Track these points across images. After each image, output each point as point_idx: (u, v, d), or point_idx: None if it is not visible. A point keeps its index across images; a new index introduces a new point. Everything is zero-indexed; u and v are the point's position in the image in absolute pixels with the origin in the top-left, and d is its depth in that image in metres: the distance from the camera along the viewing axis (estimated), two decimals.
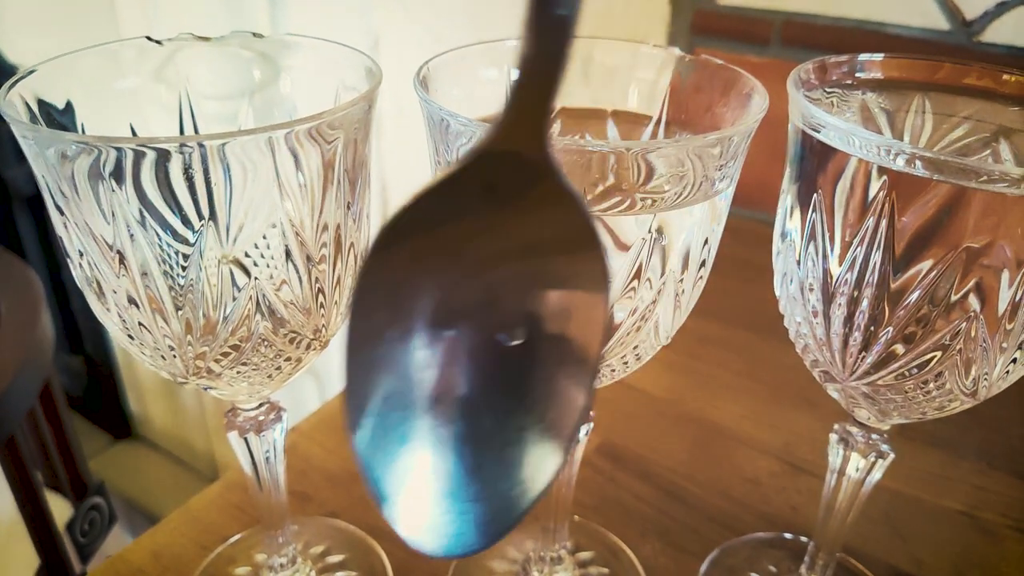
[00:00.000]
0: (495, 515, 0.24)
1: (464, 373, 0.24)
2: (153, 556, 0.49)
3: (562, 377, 0.24)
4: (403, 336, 0.23)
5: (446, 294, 0.23)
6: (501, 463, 0.24)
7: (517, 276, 0.24)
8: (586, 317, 0.24)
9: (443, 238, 0.22)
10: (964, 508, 0.54)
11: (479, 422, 0.24)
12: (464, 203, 0.22)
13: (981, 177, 0.28)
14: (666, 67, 0.37)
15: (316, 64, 0.38)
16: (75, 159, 0.27)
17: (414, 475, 0.23)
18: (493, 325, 0.24)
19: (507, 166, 0.21)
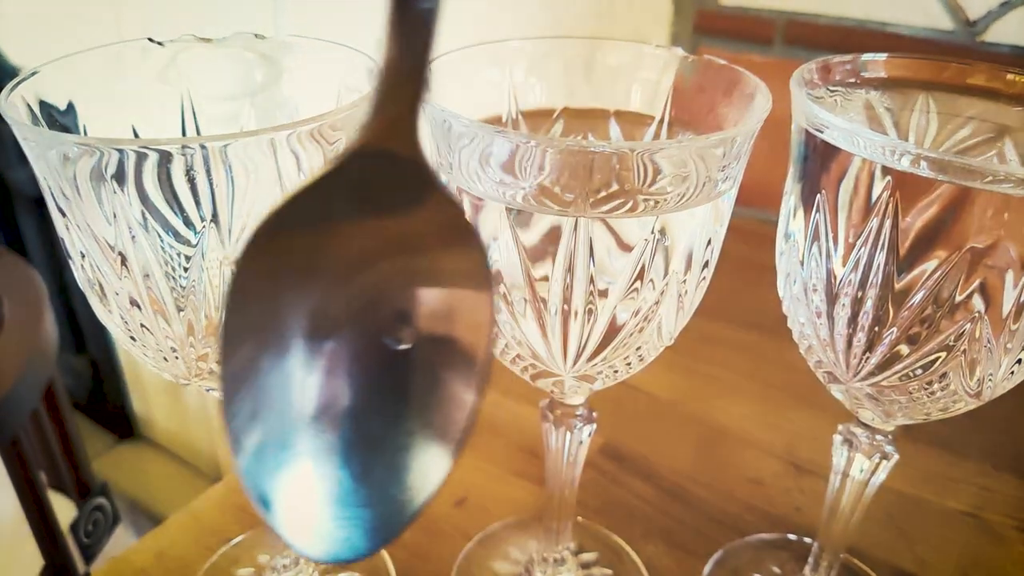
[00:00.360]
0: (384, 520, 0.23)
1: (348, 379, 0.23)
2: (156, 557, 0.49)
3: (450, 379, 0.24)
4: (282, 345, 0.22)
5: (324, 300, 0.23)
6: (390, 468, 0.24)
7: (398, 278, 0.23)
8: (471, 317, 0.23)
9: (317, 242, 0.22)
10: (969, 509, 0.53)
11: (366, 427, 0.24)
12: (337, 205, 0.21)
13: (986, 177, 0.28)
14: (669, 67, 0.37)
15: (318, 65, 0.38)
16: (77, 161, 0.27)
17: (301, 482, 0.23)
18: (376, 329, 0.23)
19: (379, 166, 0.21)
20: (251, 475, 0.22)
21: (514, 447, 0.58)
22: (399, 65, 0.20)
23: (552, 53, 0.39)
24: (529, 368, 0.35)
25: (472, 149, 0.31)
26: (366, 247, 0.23)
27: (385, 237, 0.23)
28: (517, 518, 0.52)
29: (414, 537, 0.50)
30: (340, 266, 0.22)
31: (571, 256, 0.30)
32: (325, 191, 0.21)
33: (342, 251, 0.22)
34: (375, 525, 0.23)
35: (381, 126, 0.20)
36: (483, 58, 0.37)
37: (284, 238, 0.21)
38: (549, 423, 0.41)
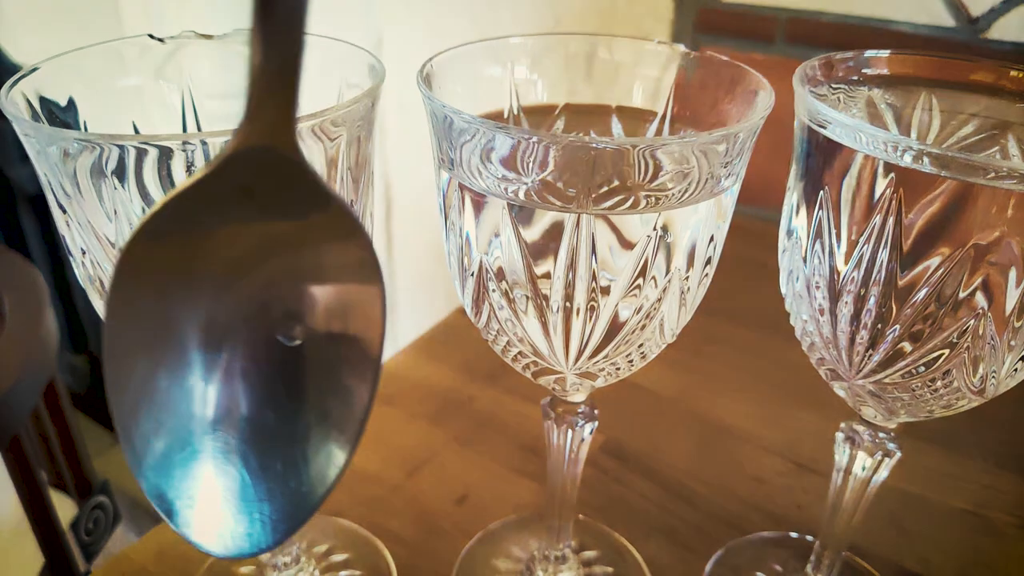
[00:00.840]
0: (284, 513, 0.24)
1: (242, 378, 0.24)
2: (157, 555, 0.49)
3: (343, 373, 0.24)
4: (171, 351, 0.23)
5: (211, 303, 0.23)
6: (288, 463, 0.24)
7: (285, 276, 0.23)
8: (361, 311, 0.24)
9: (199, 246, 0.22)
10: (971, 507, 0.53)
11: (262, 424, 0.24)
12: (217, 208, 0.21)
13: (989, 174, 0.28)
14: (671, 63, 0.37)
15: (319, 61, 0.37)
16: (77, 157, 0.27)
17: (201, 482, 0.23)
18: (267, 327, 0.24)
19: (259, 167, 0.21)
20: (152, 482, 0.23)
21: (515, 445, 0.58)
22: (270, 66, 0.20)
23: (554, 49, 0.38)
24: (531, 366, 0.35)
25: (474, 145, 0.30)
26: (250, 247, 0.23)
27: (269, 236, 0.23)
28: (518, 516, 0.52)
29: (415, 535, 0.50)
30: (225, 268, 0.23)
31: (573, 252, 0.30)
32: (204, 195, 0.21)
33: (225, 253, 0.22)
34: (276, 518, 0.24)
35: (258, 128, 0.20)
36: (484, 54, 0.37)
37: (164, 245, 0.21)
38: (551, 421, 0.41)
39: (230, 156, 0.20)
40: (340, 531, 0.50)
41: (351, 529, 0.50)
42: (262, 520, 0.24)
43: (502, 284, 0.32)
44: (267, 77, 0.20)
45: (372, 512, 0.52)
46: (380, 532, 0.50)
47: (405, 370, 0.66)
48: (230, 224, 0.22)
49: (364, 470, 0.55)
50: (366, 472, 0.55)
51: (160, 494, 0.23)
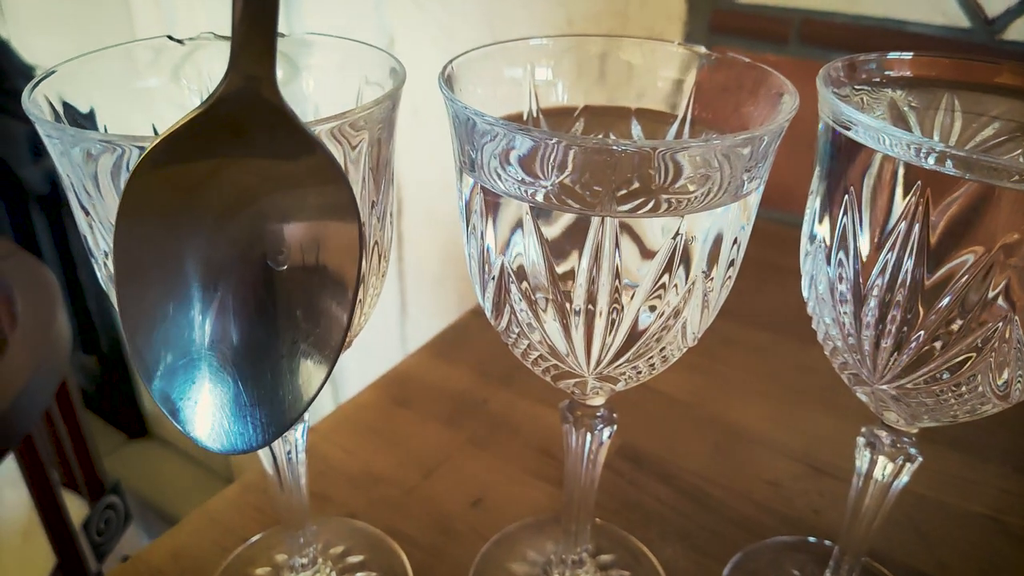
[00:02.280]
0: (273, 418, 0.28)
1: (235, 299, 0.27)
2: (172, 557, 0.49)
3: (324, 300, 0.28)
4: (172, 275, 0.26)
5: (207, 231, 0.26)
6: (276, 374, 0.28)
7: (273, 211, 0.27)
8: (342, 242, 0.27)
9: (195, 180, 0.25)
10: (989, 512, 0.53)
11: (254, 340, 0.28)
12: (210, 146, 0.25)
13: (1013, 176, 0.28)
14: (691, 65, 0.37)
15: (337, 63, 0.37)
16: (99, 158, 0.27)
17: (201, 388, 0.27)
18: (258, 256, 0.27)
19: (244, 108, 0.25)
20: (159, 387, 0.27)
21: (530, 447, 0.57)
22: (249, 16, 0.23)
23: (573, 51, 0.38)
24: (551, 370, 0.35)
25: (495, 147, 0.30)
26: (240, 183, 0.26)
27: (257, 174, 0.26)
28: (534, 519, 0.52)
29: (431, 537, 0.50)
30: (217, 201, 0.26)
31: (597, 255, 0.29)
32: (195, 133, 0.24)
33: (218, 187, 0.26)
34: (265, 422, 0.28)
35: (241, 73, 0.24)
36: (504, 56, 0.37)
37: (161, 179, 0.25)
38: (569, 424, 0.40)
39: (217, 98, 0.24)
40: (356, 533, 0.50)
41: (367, 531, 0.50)
42: (254, 423, 0.28)
43: (523, 287, 0.32)
44: (247, 26, 0.23)
45: (388, 514, 0.52)
46: (396, 534, 0.50)
47: (419, 372, 0.66)
48: (221, 161, 0.25)
49: (379, 472, 0.55)
50: (381, 474, 0.55)
51: (166, 396, 0.27)
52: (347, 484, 0.54)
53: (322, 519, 0.51)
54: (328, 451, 0.57)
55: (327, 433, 0.59)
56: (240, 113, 0.25)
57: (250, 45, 0.24)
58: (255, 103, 0.25)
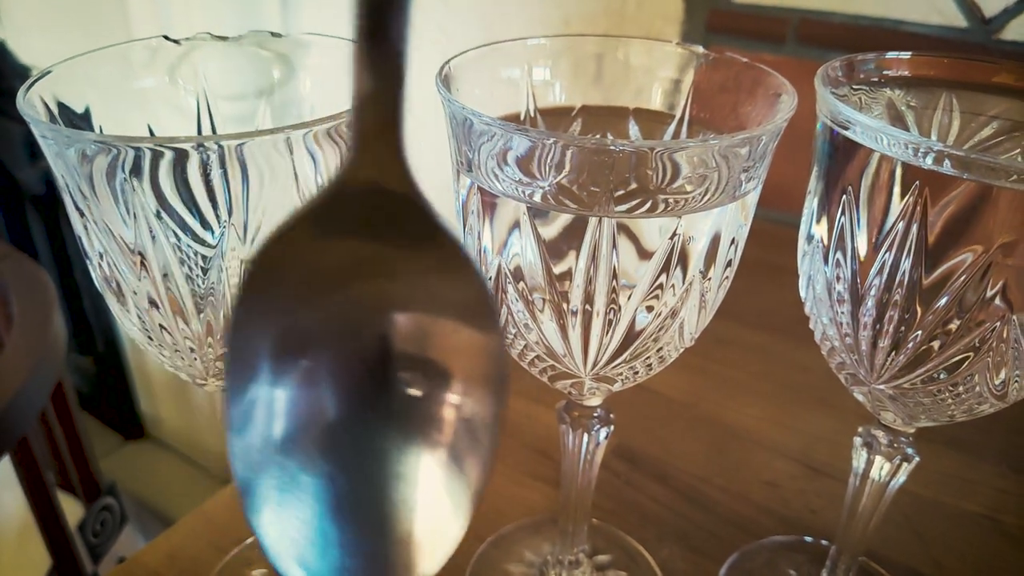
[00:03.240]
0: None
1: (360, 419, 0.22)
2: (168, 558, 0.48)
3: (464, 430, 0.22)
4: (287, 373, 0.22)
5: (334, 331, 0.22)
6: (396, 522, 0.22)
7: (408, 316, 0.22)
8: (479, 353, 0.22)
9: (323, 273, 0.21)
10: (986, 511, 0.53)
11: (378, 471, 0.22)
12: (339, 235, 0.21)
13: (1011, 176, 0.28)
14: (689, 65, 0.37)
15: (334, 63, 0.37)
16: (94, 159, 0.27)
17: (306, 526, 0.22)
18: (389, 368, 0.22)
19: (369, 198, 0.20)
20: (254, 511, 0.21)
21: (527, 448, 0.57)
22: (377, 95, 0.19)
23: (571, 51, 0.38)
24: (548, 370, 0.35)
25: (492, 147, 0.30)
26: (362, 281, 0.22)
27: (381, 271, 0.22)
28: (531, 520, 0.52)
29: None
30: (342, 301, 0.22)
31: (594, 256, 0.29)
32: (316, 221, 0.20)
33: (343, 283, 0.22)
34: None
35: (367, 161, 0.20)
36: (501, 56, 0.37)
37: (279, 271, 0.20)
38: (566, 425, 0.40)
39: (338, 188, 0.20)
40: None
41: None
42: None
43: (520, 288, 0.32)
44: (374, 106, 0.19)
45: None
46: None
47: None
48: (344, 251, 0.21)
49: None
50: None
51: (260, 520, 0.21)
52: None
53: None
54: None
55: None
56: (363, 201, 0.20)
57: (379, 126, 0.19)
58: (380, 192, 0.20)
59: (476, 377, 0.22)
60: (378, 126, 0.19)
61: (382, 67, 0.19)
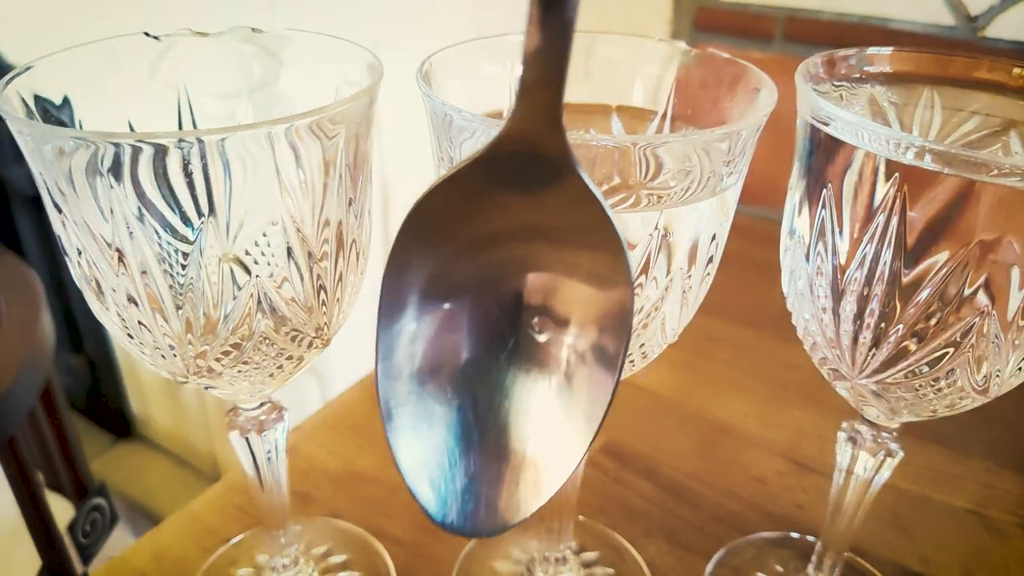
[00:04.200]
0: (505, 502, 0.25)
1: (492, 356, 0.25)
2: (154, 558, 0.48)
3: (585, 376, 0.25)
4: (430, 310, 0.24)
5: (475, 275, 0.24)
6: (517, 453, 0.25)
7: (543, 265, 0.24)
8: (609, 314, 0.24)
9: (471, 222, 0.23)
10: (972, 506, 0.53)
11: (500, 411, 0.25)
12: (489, 189, 0.23)
13: (992, 171, 0.28)
14: (672, 61, 0.37)
15: (316, 59, 0.37)
16: (72, 155, 0.27)
17: (437, 449, 0.25)
18: (522, 310, 0.25)
19: (523, 154, 0.22)
20: (395, 440, 0.24)
21: None
22: (544, 56, 0.21)
23: None
24: None
25: (474, 143, 0.30)
26: (513, 233, 0.24)
27: (533, 226, 0.24)
28: None
29: (414, 537, 0.50)
30: (489, 247, 0.24)
31: None
32: (473, 176, 0.23)
33: (489, 232, 0.24)
34: (501, 506, 0.25)
35: (526, 115, 0.22)
36: (484, 52, 0.37)
37: (435, 218, 0.23)
38: None
39: (497, 142, 0.22)
40: (339, 532, 0.50)
41: (350, 530, 0.50)
42: (486, 505, 0.24)
43: None
44: (541, 61, 0.21)
45: (371, 514, 0.52)
46: (379, 533, 0.50)
47: None
48: (495, 201, 0.23)
49: (363, 471, 0.55)
50: (365, 473, 0.55)
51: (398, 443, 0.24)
52: (330, 484, 0.54)
53: (305, 519, 0.51)
54: (312, 451, 0.57)
55: (311, 432, 0.58)
56: (516, 157, 0.22)
57: (541, 86, 0.21)
58: (533, 149, 0.22)
59: (604, 321, 0.24)
60: (542, 79, 0.21)
61: (553, 25, 0.21)
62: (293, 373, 0.35)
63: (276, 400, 0.40)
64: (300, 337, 0.33)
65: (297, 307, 0.32)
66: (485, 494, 0.25)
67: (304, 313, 0.32)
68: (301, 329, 0.33)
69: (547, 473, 0.25)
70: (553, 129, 0.22)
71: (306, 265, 0.31)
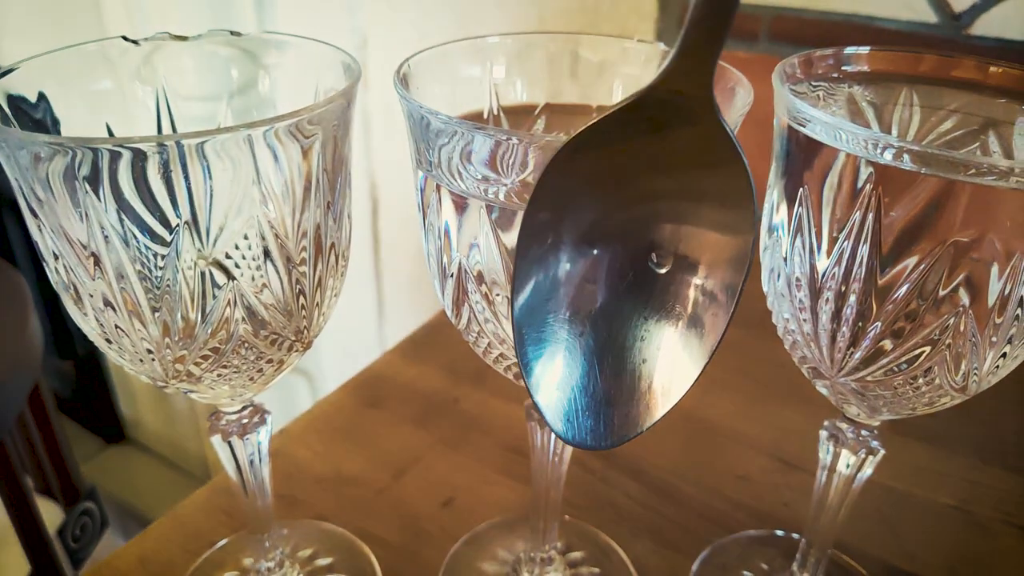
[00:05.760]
0: (623, 420, 0.28)
1: (613, 287, 0.27)
2: (140, 562, 0.48)
3: (700, 310, 0.28)
4: (562, 248, 0.27)
5: (608, 212, 0.27)
6: (636, 376, 0.28)
7: (671, 204, 0.27)
8: (730, 257, 0.27)
9: (610, 164, 0.26)
10: (957, 503, 0.53)
11: (621, 334, 0.28)
12: (630, 134, 0.25)
13: (969, 170, 0.28)
14: (651, 62, 0.37)
15: (296, 62, 0.37)
16: (49, 161, 0.27)
17: (562, 370, 0.27)
18: (641, 245, 0.27)
19: (672, 104, 0.25)
20: (525, 357, 0.27)
21: (501, 446, 0.57)
22: (709, 16, 0.23)
23: (533, 49, 0.38)
24: (512, 367, 0.35)
25: (452, 146, 0.30)
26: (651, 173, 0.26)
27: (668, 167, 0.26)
28: (504, 518, 0.52)
29: (400, 539, 0.50)
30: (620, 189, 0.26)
31: None
32: (623, 121, 0.25)
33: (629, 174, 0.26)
34: (616, 423, 0.28)
35: (681, 69, 0.24)
36: (463, 54, 0.37)
37: (584, 154, 0.25)
38: (534, 422, 0.40)
39: (648, 90, 0.24)
40: (324, 535, 0.50)
41: (336, 533, 0.50)
42: (606, 422, 0.27)
43: (482, 286, 0.32)
44: (705, 25, 0.23)
45: (357, 516, 0.52)
46: (365, 536, 0.50)
47: (390, 372, 0.65)
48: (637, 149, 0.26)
49: (349, 474, 0.55)
50: (351, 476, 0.55)
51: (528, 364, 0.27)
52: (316, 486, 0.54)
53: (291, 522, 0.51)
54: (298, 453, 0.57)
55: (297, 435, 0.58)
56: (665, 106, 0.25)
57: (701, 44, 0.24)
58: (682, 101, 0.25)
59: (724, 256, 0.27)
60: (703, 42, 0.24)
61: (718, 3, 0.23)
62: (274, 377, 0.35)
63: (259, 403, 0.40)
64: (280, 341, 0.33)
65: (276, 311, 0.32)
66: (604, 412, 0.28)
67: (283, 317, 0.32)
68: (281, 333, 0.33)
69: (660, 396, 0.28)
70: (705, 84, 0.24)
71: (285, 269, 0.31)
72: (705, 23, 0.23)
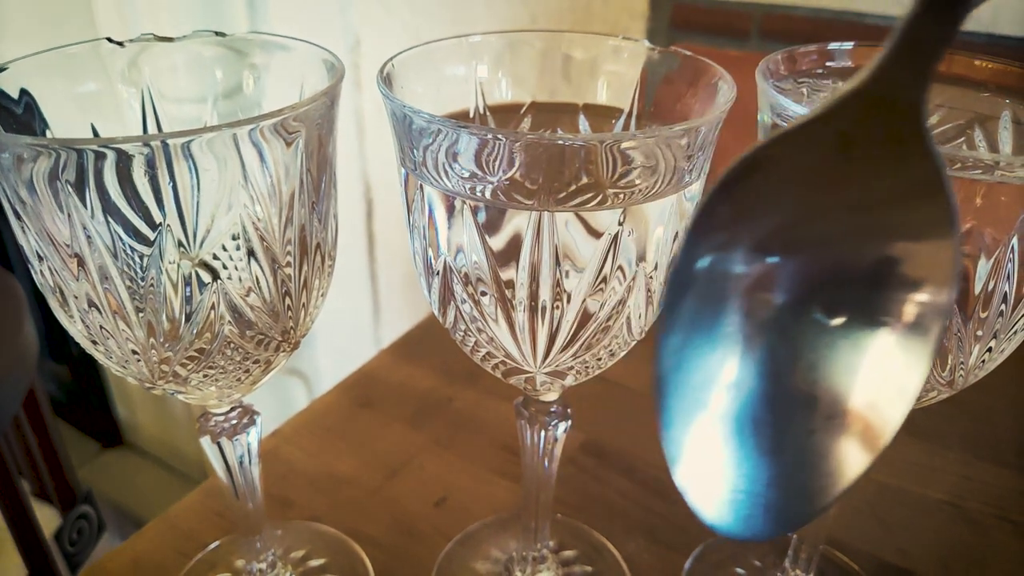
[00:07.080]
0: (788, 504, 0.23)
1: (775, 351, 0.22)
2: (133, 564, 0.48)
3: (882, 367, 0.22)
4: (720, 298, 0.22)
5: (773, 260, 0.22)
6: (801, 451, 0.23)
7: (858, 240, 0.22)
8: (924, 304, 0.22)
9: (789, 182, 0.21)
10: (949, 498, 0.53)
11: (782, 403, 0.23)
12: (812, 155, 0.21)
13: (955, 164, 0.28)
14: (636, 60, 0.37)
15: (280, 62, 0.37)
16: (33, 162, 0.27)
17: (710, 445, 0.22)
18: (813, 302, 0.22)
19: (870, 114, 0.20)
20: (667, 425, 0.22)
21: (494, 445, 0.57)
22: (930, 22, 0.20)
23: (518, 47, 0.38)
24: (500, 366, 0.35)
25: (437, 145, 0.30)
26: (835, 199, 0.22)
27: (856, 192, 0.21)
28: (497, 517, 0.52)
29: (393, 539, 0.50)
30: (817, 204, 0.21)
31: (536, 251, 0.29)
32: (811, 134, 0.20)
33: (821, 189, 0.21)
34: (778, 507, 0.23)
35: (890, 76, 0.20)
36: (448, 53, 0.37)
37: (762, 170, 0.21)
38: (524, 420, 0.40)
39: (852, 96, 0.20)
40: (317, 536, 0.50)
41: (328, 533, 0.50)
42: (764, 507, 0.23)
43: (466, 283, 0.32)
44: (922, 32, 0.20)
45: (350, 516, 0.52)
46: (358, 536, 0.50)
47: (383, 372, 0.65)
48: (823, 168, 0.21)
49: (342, 474, 0.55)
50: (344, 476, 0.55)
51: (676, 444, 0.22)
52: (309, 487, 0.54)
53: (283, 523, 0.51)
54: (290, 454, 0.57)
55: (289, 436, 0.58)
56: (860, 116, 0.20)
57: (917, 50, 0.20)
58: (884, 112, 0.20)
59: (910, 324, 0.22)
60: (918, 48, 0.20)
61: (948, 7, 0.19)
62: (262, 377, 0.35)
63: (248, 404, 0.40)
64: (266, 341, 0.33)
65: (262, 312, 0.32)
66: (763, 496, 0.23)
67: (269, 318, 0.32)
68: (267, 333, 0.33)
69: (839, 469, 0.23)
70: (919, 92, 0.20)
71: (270, 270, 0.31)
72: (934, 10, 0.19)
